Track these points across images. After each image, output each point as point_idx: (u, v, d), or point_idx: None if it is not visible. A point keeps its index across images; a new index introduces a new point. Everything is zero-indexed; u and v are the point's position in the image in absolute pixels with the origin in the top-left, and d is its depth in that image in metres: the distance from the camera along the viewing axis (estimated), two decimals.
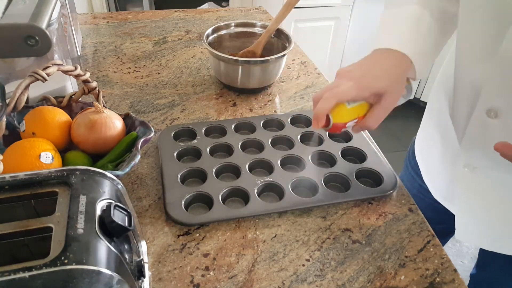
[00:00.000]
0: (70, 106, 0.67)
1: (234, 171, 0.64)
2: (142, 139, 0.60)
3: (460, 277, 0.51)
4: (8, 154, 0.54)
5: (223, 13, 1.27)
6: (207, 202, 0.59)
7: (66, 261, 0.28)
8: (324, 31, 2.06)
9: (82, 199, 0.34)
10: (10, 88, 0.61)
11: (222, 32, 0.91)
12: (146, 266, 0.41)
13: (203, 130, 0.72)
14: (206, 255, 0.53)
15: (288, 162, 0.67)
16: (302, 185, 0.63)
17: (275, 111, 0.81)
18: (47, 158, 0.54)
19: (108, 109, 0.63)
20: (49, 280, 0.27)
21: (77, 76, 0.59)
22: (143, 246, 0.44)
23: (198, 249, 0.53)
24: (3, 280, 0.27)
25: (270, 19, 1.20)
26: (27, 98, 0.54)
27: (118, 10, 2.11)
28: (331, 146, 0.70)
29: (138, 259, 0.38)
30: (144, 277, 0.38)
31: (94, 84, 0.63)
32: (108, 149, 0.61)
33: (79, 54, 0.94)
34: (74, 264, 0.28)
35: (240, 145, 0.69)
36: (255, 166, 0.66)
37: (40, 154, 0.54)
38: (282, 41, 0.88)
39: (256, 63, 0.80)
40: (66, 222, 0.31)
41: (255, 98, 0.85)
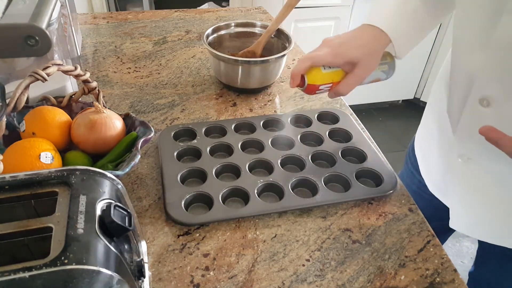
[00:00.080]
0: (70, 106, 0.67)
1: (234, 171, 0.64)
2: (142, 139, 0.60)
3: (460, 277, 0.51)
4: (8, 154, 0.54)
5: (223, 13, 1.27)
6: (207, 202, 0.59)
7: (66, 261, 0.28)
8: (324, 31, 2.05)
9: (82, 199, 0.34)
10: (10, 88, 0.61)
11: (222, 32, 0.91)
12: (146, 266, 0.41)
13: (203, 130, 0.72)
14: (206, 255, 0.53)
15: (288, 162, 0.67)
16: (302, 185, 0.63)
17: (275, 111, 0.81)
18: (47, 158, 0.54)
19: (108, 109, 0.63)
20: (49, 280, 0.27)
21: (77, 76, 0.59)
22: (143, 246, 0.44)
23: (198, 249, 0.53)
24: (3, 280, 0.27)
25: (270, 19, 1.20)
26: (27, 98, 0.54)
27: (118, 10, 2.11)
28: (331, 146, 0.70)
29: (138, 259, 0.38)
30: (144, 277, 0.38)
31: (94, 84, 0.63)
32: (108, 149, 0.61)
33: (79, 54, 0.94)
34: (74, 264, 0.28)
35: (240, 145, 0.69)
36: (255, 166, 0.66)
37: (40, 154, 0.54)
38: (282, 41, 0.88)
39: (256, 63, 0.80)
40: (66, 222, 0.31)
41: (255, 98, 0.85)
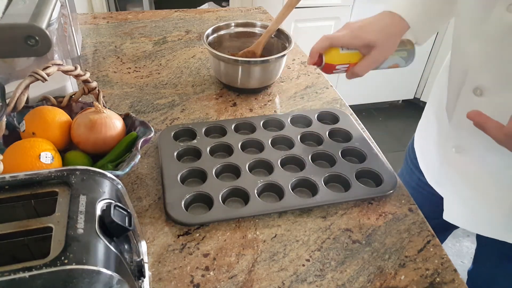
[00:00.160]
0: (70, 106, 0.67)
1: (234, 171, 0.64)
2: (142, 139, 0.60)
3: (460, 277, 0.51)
4: (8, 154, 0.54)
5: (223, 13, 1.27)
6: (207, 202, 0.59)
7: (66, 261, 0.28)
8: (324, 31, 2.04)
9: (82, 199, 0.34)
10: (10, 88, 0.61)
11: (222, 32, 0.91)
12: (146, 266, 0.41)
13: (203, 130, 0.72)
14: (206, 255, 0.53)
15: (288, 162, 0.67)
16: (302, 185, 0.63)
17: (275, 111, 0.81)
18: (47, 158, 0.54)
19: (108, 109, 0.63)
20: (49, 280, 0.27)
21: (77, 76, 0.59)
22: (143, 246, 0.44)
23: (198, 249, 0.53)
24: (3, 280, 0.27)
25: (270, 19, 1.20)
26: (27, 98, 0.54)
27: (118, 10, 2.11)
28: (331, 146, 0.70)
29: (138, 259, 0.38)
30: (144, 277, 0.38)
31: (94, 84, 0.63)
32: (108, 149, 0.61)
33: (79, 54, 0.94)
34: (74, 264, 0.28)
35: (240, 145, 0.69)
36: (255, 166, 0.66)
37: (40, 154, 0.54)
38: (282, 41, 0.88)
39: (256, 63, 0.80)
40: (66, 222, 0.31)
41: (255, 98, 0.85)
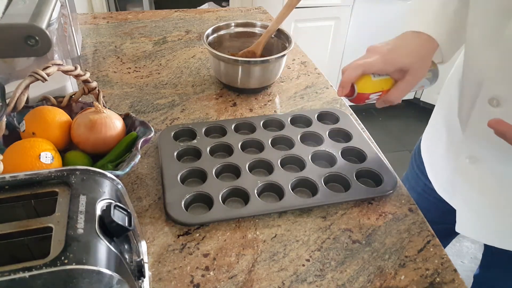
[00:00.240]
0: (70, 106, 0.67)
1: (234, 171, 0.64)
2: (142, 139, 0.60)
3: (460, 277, 0.51)
4: (8, 154, 0.54)
5: (223, 13, 1.27)
6: (207, 202, 0.59)
7: (66, 261, 0.28)
8: (324, 31, 2.06)
9: (82, 199, 0.33)
10: (10, 88, 0.61)
11: (222, 32, 0.91)
12: (146, 266, 0.41)
13: (203, 130, 0.72)
14: (206, 255, 0.53)
15: (288, 162, 0.67)
16: (302, 185, 0.63)
17: (275, 111, 0.81)
18: (47, 158, 0.54)
19: (108, 109, 0.63)
20: (49, 280, 0.27)
21: (77, 76, 0.59)
22: (143, 246, 0.44)
23: (198, 249, 0.53)
24: (3, 280, 0.27)
25: (270, 19, 1.20)
26: (27, 98, 0.54)
27: (118, 10, 2.11)
28: (331, 146, 0.70)
29: (138, 259, 0.38)
30: (144, 277, 0.38)
31: (94, 84, 0.63)
32: (108, 149, 0.61)
33: (79, 54, 0.94)
34: (74, 264, 0.28)
35: (240, 145, 0.69)
36: (255, 166, 0.66)
37: (40, 154, 0.54)
38: (282, 41, 0.88)
39: (256, 63, 0.80)
40: (66, 222, 0.31)
41: (255, 98, 0.85)
